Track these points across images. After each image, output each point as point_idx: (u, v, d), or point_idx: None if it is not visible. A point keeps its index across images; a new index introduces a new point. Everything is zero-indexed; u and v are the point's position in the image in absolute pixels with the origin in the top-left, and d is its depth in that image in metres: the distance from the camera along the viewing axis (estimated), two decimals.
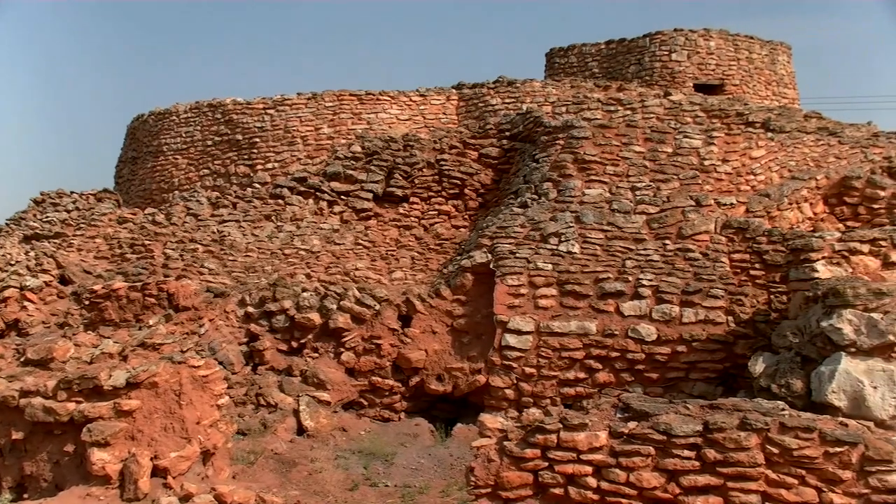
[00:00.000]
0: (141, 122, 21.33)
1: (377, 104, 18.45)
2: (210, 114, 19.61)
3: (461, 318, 9.94)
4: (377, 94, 18.56)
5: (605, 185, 11.21)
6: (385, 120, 18.27)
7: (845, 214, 12.49)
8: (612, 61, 22.07)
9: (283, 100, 18.85)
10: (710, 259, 9.61)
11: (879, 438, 5.39)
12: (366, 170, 13.88)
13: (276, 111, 18.71)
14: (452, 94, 18.92)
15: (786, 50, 22.76)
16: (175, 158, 19.90)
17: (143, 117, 21.35)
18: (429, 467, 8.49)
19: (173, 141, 20.03)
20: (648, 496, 5.37)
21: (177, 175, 19.76)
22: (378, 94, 18.57)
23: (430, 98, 18.70)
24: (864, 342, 6.04)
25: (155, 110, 21.00)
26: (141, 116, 21.48)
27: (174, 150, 19.95)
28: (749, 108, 15.12)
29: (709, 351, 8.89)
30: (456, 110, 18.69)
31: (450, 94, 18.91)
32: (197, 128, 19.72)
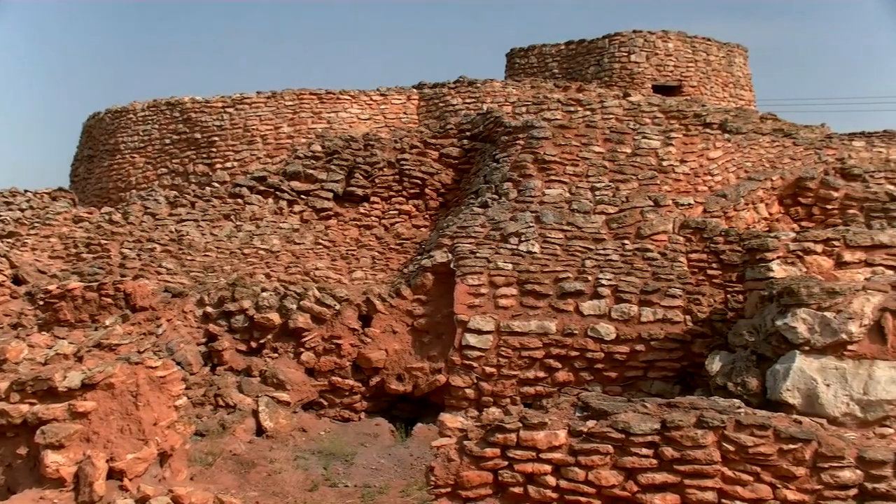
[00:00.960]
0: (97, 121, 21.04)
1: (337, 103, 18.39)
2: (168, 112, 19.41)
3: (422, 318, 9.93)
4: (337, 93, 18.50)
5: (565, 186, 11.27)
6: (345, 119, 18.22)
7: (800, 215, 12.68)
8: (572, 62, 22.20)
9: (243, 98, 18.71)
10: (668, 259, 9.71)
11: (832, 435, 5.48)
12: (326, 169, 13.82)
13: (235, 110, 18.57)
14: (413, 94, 18.92)
15: (742, 52, 23.07)
16: (132, 157, 19.67)
17: (99, 115, 21.07)
18: (389, 467, 8.48)
19: (130, 139, 19.79)
20: (607, 494, 5.41)
21: (134, 174, 19.53)
22: (338, 93, 18.50)
23: (390, 98, 18.68)
24: (818, 341, 6.13)
25: (112, 108, 20.72)
26: (97, 114, 21.19)
27: (131, 149, 19.71)
28: (706, 110, 15.28)
29: (667, 350, 8.98)
30: (417, 110, 18.69)
31: (410, 94, 18.90)
32: (155, 126, 19.51)
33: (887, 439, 5.67)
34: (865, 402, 5.86)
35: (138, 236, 13.12)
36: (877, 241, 8.43)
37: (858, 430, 5.77)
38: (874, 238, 8.45)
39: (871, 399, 5.85)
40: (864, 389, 5.88)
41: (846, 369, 6.00)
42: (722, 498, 5.35)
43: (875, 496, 5.27)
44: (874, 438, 5.67)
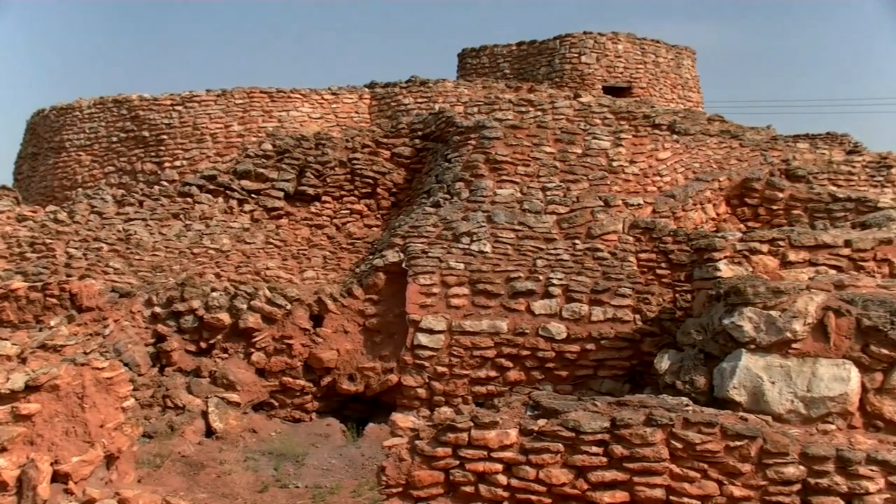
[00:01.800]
0: (41, 118, 20.62)
1: (288, 102, 18.25)
2: (115, 109, 19.09)
3: (373, 318, 9.92)
4: (288, 91, 18.36)
5: (517, 186, 11.32)
6: (297, 118, 18.08)
7: (746, 215, 12.88)
8: (524, 62, 22.30)
9: (192, 96, 18.47)
10: (618, 258, 9.80)
11: (777, 432, 5.59)
12: (277, 168, 13.71)
13: (184, 108, 18.33)
14: (365, 93, 18.85)
15: (690, 54, 23.37)
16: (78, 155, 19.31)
17: (43, 112, 20.64)
18: (340, 467, 8.45)
19: (76, 137, 19.43)
20: (557, 492, 5.46)
21: (80, 172, 19.18)
22: (289, 91, 18.36)
23: (342, 97, 18.59)
24: (764, 339, 6.23)
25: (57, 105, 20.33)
26: (41, 111, 20.76)
27: (77, 147, 19.35)
28: (655, 111, 15.46)
29: (617, 349, 9.06)
30: (368, 109, 18.63)
31: (362, 93, 18.84)
32: (101, 124, 19.17)
33: (829, 435, 5.78)
34: (809, 399, 5.97)
35: (84, 235, 12.89)
36: (820, 241, 8.60)
37: (802, 427, 5.88)
38: (818, 238, 8.62)
39: (815, 396, 5.96)
40: (807, 387, 5.99)
41: (790, 367, 6.10)
42: (670, 495, 5.42)
43: (818, 491, 5.39)
44: (817, 435, 5.78)
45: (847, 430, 5.87)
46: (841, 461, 5.41)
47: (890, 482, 5.38)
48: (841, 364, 6.00)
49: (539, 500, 5.47)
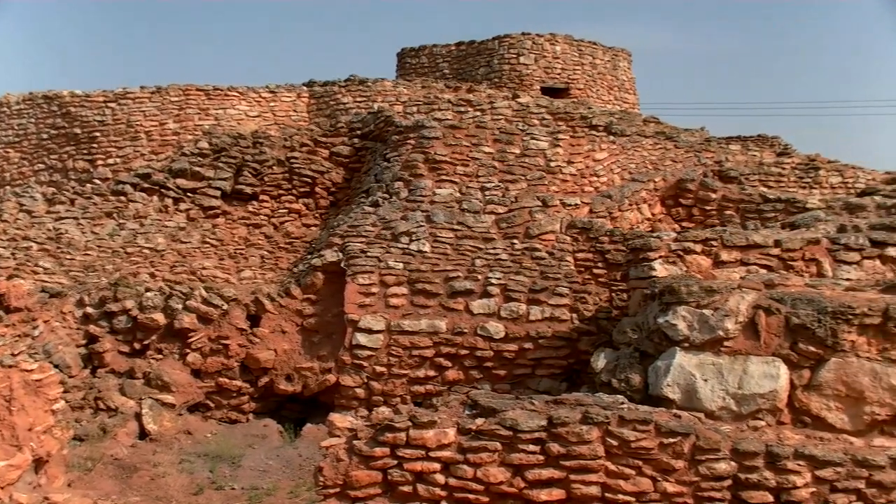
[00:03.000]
0: None
1: (225, 100, 17.99)
2: (45, 106, 18.60)
3: (311, 318, 9.86)
4: (225, 89, 18.10)
5: (456, 185, 11.35)
6: (234, 116, 17.83)
7: (681, 215, 13.10)
8: (463, 63, 22.35)
9: (126, 93, 18.08)
10: (555, 258, 9.89)
11: (709, 428, 5.70)
12: (213, 167, 13.53)
13: (117, 105, 17.94)
14: (303, 92, 18.69)
15: (626, 56, 23.66)
16: (6, 152, 18.77)
17: None
18: (277, 468, 8.39)
19: (4, 134, 18.87)
20: (494, 491, 5.49)
21: (8, 169, 18.65)
22: (226, 89, 18.10)
23: (280, 95, 18.40)
24: (697, 337, 6.35)
25: None
26: None
27: (5, 143, 18.80)
28: (592, 112, 15.64)
29: (554, 348, 9.15)
30: (307, 108, 18.47)
31: (300, 92, 18.67)
32: (31, 120, 18.66)
33: (759, 431, 5.91)
34: (740, 396, 6.10)
35: (13, 234, 12.56)
36: (751, 241, 8.78)
37: (733, 423, 6.01)
38: (749, 238, 8.80)
39: (745, 393, 6.09)
40: (738, 384, 6.12)
41: (722, 365, 6.23)
42: (605, 492, 5.50)
43: (748, 486, 5.51)
44: (747, 431, 5.91)
45: (776, 426, 6.01)
46: (770, 456, 5.55)
47: (816, 476, 5.53)
48: (770, 361, 6.14)
49: (477, 498, 5.50)
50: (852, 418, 5.99)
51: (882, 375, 5.96)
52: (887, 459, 5.64)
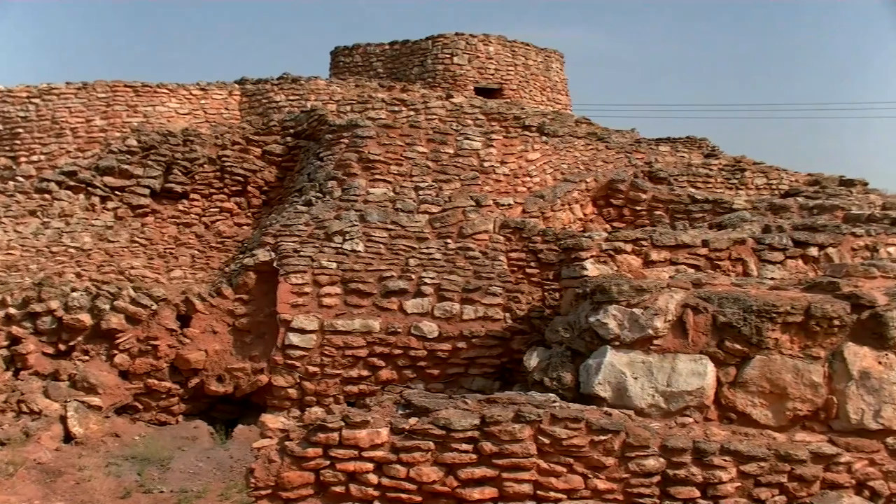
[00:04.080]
0: None
1: (154, 97, 17.65)
2: None
3: (243, 318, 9.75)
4: (154, 86, 17.76)
5: (390, 185, 11.34)
6: (163, 113, 17.51)
7: (612, 215, 13.29)
8: (397, 62, 22.33)
9: (50, 89, 17.62)
10: (489, 258, 9.95)
11: (639, 426, 5.80)
12: (142, 164, 13.29)
13: (41, 100, 17.46)
14: (235, 90, 18.45)
15: (559, 58, 23.90)
16: None
17: None
18: (207, 470, 8.28)
19: None
20: (427, 490, 5.50)
21: None
22: (156, 86, 17.76)
23: (211, 92, 18.13)
24: (627, 336, 6.44)
25: None
26: None
27: None
28: (525, 113, 15.77)
29: (487, 347, 9.20)
30: (239, 106, 18.24)
31: (232, 90, 18.43)
32: None
33: (687, 428, 6.03)
34: (669, 393, 6.21)
35: None
36: (680, 241, 8.96)
37: (662, 421, 6.11)
38: (678, 238, 8.98)
39: (674, 390, 6.20)
40: (667, 381, 6.23)
41: (652, 363, 6.33)
42: (538, 490, 5.55)
43: (676, 482, 5.62)
44: (676, 428, 6.02)
45: (703, 423, 6.13)
46: (697, 452, 5.67)
47: (741, 471, 5.67)
48: (698, 359, 6.26)
49: (409, 498, 5.50)
50: (776, 414, 6.15)
51: (804, 372, 6.13)
52: (808, 454, 5.82)
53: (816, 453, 5.85)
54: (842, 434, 6.04)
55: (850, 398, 6.07)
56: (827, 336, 6.16)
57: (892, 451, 5.99)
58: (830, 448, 5.91)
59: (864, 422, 6.03)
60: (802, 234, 9.43)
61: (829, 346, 6.17)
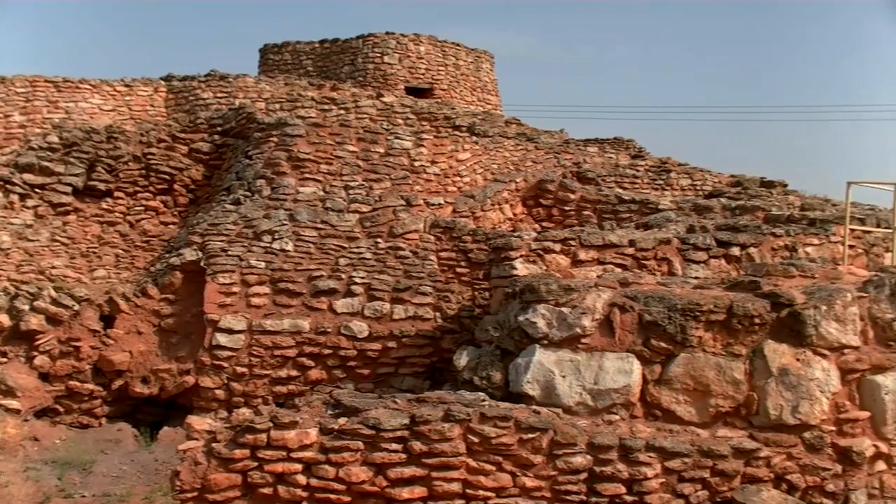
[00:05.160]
0: None
1: (77, 92, 17.20)
2: None
3: (169, 318, 9.60)
4: (77, 81, 17.29)
5: (320, 184, 11.26)
6: (86, 110, 17.08)
7: (541, 215, 13.42)
8: (327, 60, 22.19)
9: None
10: (419, 257, 9.96)
11: (566, 424, 5.87)
12: (64, 162, 12.95)
13: None
14: (161, 86, 18.11)
15: (489, 58, 24.04)
16: None
17: None
18: (131, 473, 8.13)
19: None
20: (356, 490, 5.49)
21: None
22: (78, 81, 17.30)
23: (136, 89, 17.76)
24: (556, 335, 6.51)
25: None
26: None
27: None
28: (456, 113, 15.83)
29: (417, 346, 9.21)
30: (164, 103, 17.90)
31: (158, 86, 18.08)
32: None
33: (614, 425, 6.13)
34: (596, 391, 6.29)
35: None
36: (607, 240, 9.10)
37: (590, 418, 6.20)
38: (605, 238, 9.12)
39: (601, 388, 6.29)
40: (595, 379, 6.32)
41: (580, 361, 6.41)
42: (467, 489, 5.58)
43: (602, 479, 5.71)
44: (603, 425, 6.11)
45: (630, 420, 6.23)
46: (623, 449, 5.77)
47: (665, 467, 5.79)
48: (625, 357, 6.37)
49: (338, 498, 5.48)
50: (699, 411, 6.28)
51: (726, 369, 6.28)
52: (730, 449, 5.97)
53: (737, 448, 6.00)
54: (762, 429, 6.21)
55: (769, 394, 6.24)
56: (748, 334, 6.32)
57: (809, 445, 6.18)
58: (751, 443, 6.07)
59: (783, 417, 6.20)
60: (725, 234, 9.66)
61: (750, 343, 6.34)
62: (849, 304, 6.40)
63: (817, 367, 6.28)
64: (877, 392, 6.31)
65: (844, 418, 6.27)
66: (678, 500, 5.82)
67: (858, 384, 6.36)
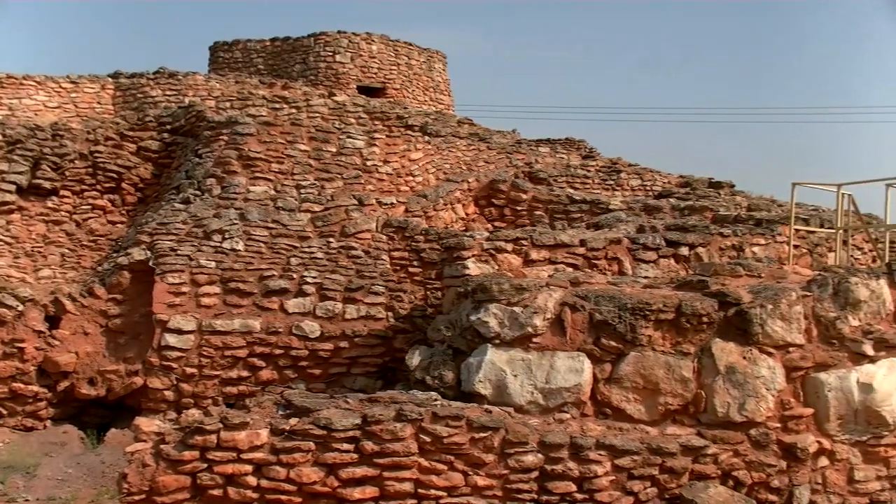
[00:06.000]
0: None
1: (21, 89, 16.84)
2: None
3: (117, 318, 9.46)
4: (20, 77, 16.93)
5: (271, 183, 11.18)
6: (30, 106, 16.73)
7: (493, 215, 13.47)
8: (278, 59, 22.04)
9: None
10: (371, 257, 9.94)
11: (518, 422, 5.91)
12: (7, 160, 12.67)
13: None
14: (108, 84, 17.82)
15: (441, 58, 24.08)
16: None
17: None
18: (77, 477, 7.99)
19: None
20: (308, 491, 5.47)
21: None
22: (21, 78, 16.96)
23: (82, 86, 17.45)
24: (507, 334, 6.55)
25: None
26: None
27: None
28: (408, 112, 15.79)
29: (370, 346, 9.19)
30: (112, 100, 17.62)
31: (105, 83, 17.79)
32: None
33: (565, 424, 6.17)
34: (547, 390, 6.34)
35: None
36: (559, 240, 9.17)
37: (541, 417, 6.24)
38: (556, 238, 9.18)
39: (552, 387, 6.34)
40: (546, 378, 6.36)
41: (531, 360, 6.45)
42: (418, 488, 5.59)
43: (553, 477, 5.76)
44: (554, 424, 6.15)
45: (580, 419, 6.29)
46: (574, 448, 5.82)
47: (615, 465, 5.86)
48: (576, 356, 6.42)
49: (289, 499, 5.45)
50: (648, 409, 6.36)
51: (675, 368, 6.36)
52: (678, 447, 6.05)
53: (686, 446, 6.09)
54: (709, 427, 6.31)
55: (717, 392, 6.34)
56: (696, 333, 6.42)
57: (755, 442, 6.29)
58: (699, 440, 6.17)
59: (730, 415, 6.31)
60: (674, 234, 9.79)
61: (698, 342, 6.43)
62: (794, 302, 6.52)
63: (763, 365, 6.39)
64: (820, 389, 6.44)
65: (789, 415, 6.39)
66: (628, 497, 5.89)
67: (803, 382, 6.48)
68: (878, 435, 6.51)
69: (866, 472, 6.48)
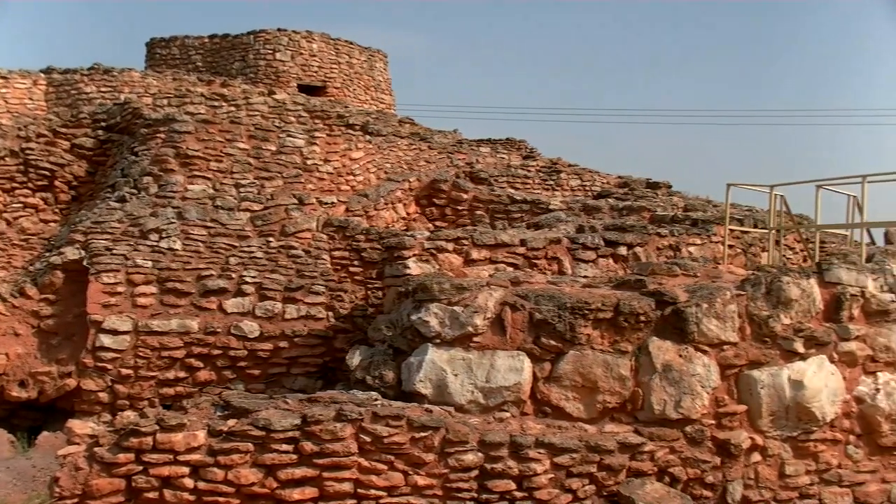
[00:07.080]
0: None
1: None
2: None
3: (50, 319, 9.25)
4: None
5: (209, 182, 11.04)
6: None
7: (434, 215, 13.49)
8: (217, 56, 21.78)
9: None
10: (312, 256, 9.87)
11: (458, 422, 5.92)
12: None
13: None
14: (40, 79, 17.41)
15: (382, 57, 24.03)
16: None
17: None
18: (6, 481, 7.78)
19: None
20: (246, 492, 5.42)
21: None
22: None
23: (13, 81, 17.02)
24: (448, 334, 6.56)
25: None
26: None
27: None
28: (349, 111, 15.75)
29: (310, 346, 9.13)
30: (44, 96, 17.22)
31: (37, 79, 17.38)
32: None
33: (505, 423, 6.21)
34: (487, 389, 6.37)
35: None
36: (499, 240, 9.22)
37: (481, 416, 6.26)
38: (497, 238, 9.24)
39: (493, 386, 6.37)
40: (486, 378, 6.39)
41: (472, 360, 6.47)
42: (358, 488, 5.57)
43: (493, 475, 5.79)
44: (494, 423, 6.18)
45: (520, 417, 6.33)
46: (514, 446, 5.86)
47: (555, 463, 5.91)
48: (516, 355, 6.46)
49: (227, 501, 5.40)
50: (587, 407, 6.43)
51: (613, 366, 6.44)
52: (616, 444, 6.13)
53: (623, 443, 6.17)
54: (646, 424, 6.40)
55: (654, 390, 6.43)
56: (634, 331, 6.50)
57: (690, 438, 6.40)
58: (636, 438, 6.25)
59: (666, 412, 6.41)
60: (613, 234, 9.91)
61: (636, 340, 6.52)
62: (728, 301, 6.65)
63: (698, 362, 6.51)
64: (753, 386, 6.58)
65: (723, 412, 6.51)
66: (566, 495, 5.95)
67: (736, 379, 6.62)
68: (808, 430, 6.67)
69: (797, 467, 6.63)
